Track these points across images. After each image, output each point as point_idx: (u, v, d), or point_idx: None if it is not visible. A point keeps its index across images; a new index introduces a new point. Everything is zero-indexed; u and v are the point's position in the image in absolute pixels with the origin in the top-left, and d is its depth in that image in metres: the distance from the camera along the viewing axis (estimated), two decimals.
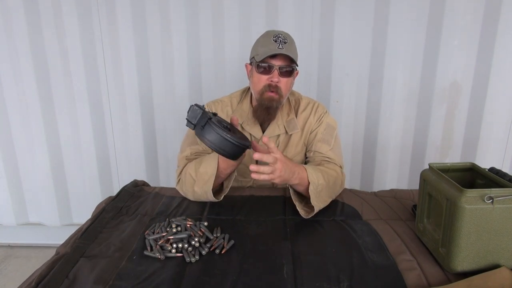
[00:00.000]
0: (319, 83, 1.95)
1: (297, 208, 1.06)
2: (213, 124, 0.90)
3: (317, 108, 1.30)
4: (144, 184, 1.35)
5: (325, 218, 1.06)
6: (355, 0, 1.81)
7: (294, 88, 1.31)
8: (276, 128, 1.26)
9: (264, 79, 1.16)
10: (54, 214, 2.21)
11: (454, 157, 1.96)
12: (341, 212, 1.10)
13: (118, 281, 0.78)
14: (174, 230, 0.93)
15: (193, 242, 0.89)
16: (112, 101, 2.04)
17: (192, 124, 0.93)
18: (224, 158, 1.01)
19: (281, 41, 1.13)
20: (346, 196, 1.21)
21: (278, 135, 1.27)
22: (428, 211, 0.91)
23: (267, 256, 0.87)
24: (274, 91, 1.16)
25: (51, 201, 2.19)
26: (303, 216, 1.05)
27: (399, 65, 1.87)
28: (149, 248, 0.90)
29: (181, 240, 0.90)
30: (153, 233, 0.95)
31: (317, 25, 1.86)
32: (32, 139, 2.09)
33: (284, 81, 1.16)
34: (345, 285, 0.77)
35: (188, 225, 0.96)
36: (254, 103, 1.25)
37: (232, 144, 0.91)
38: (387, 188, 1.34)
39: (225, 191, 1.14)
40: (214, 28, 1.90)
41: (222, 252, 0.89)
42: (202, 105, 0.96)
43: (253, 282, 0.78)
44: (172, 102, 2.02)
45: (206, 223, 0.99)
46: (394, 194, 1.23)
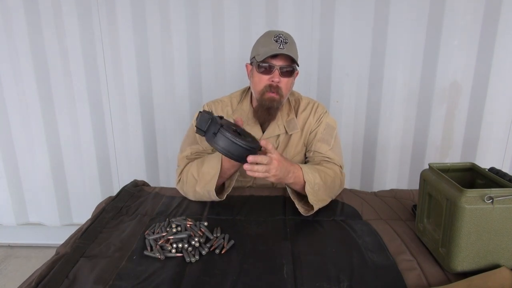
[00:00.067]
0: (319, 83, 1.95)
1: (296, 205, 1.06)
2: (225, 131, 0.91)
3: (317, 108, 1.30)
4: (144, 184, 1.35)
5: (325, 218, 1.06)
6: (355, 0, 1.81)
7: (294, 88, 1.31)
8: (276, 128, 1.26)
9: (265, 79, 1.16)
10: (54, 214, 2.21)
11: (454, 157, 1.96)
12: (341, 212, 1.10)
13: (118, 281, 0.78)
14: (174, 230, 0.93)
15: (193, 242, 0.89)
16: (112, 101, 2.04)
17: (202, 131, 0.94)
18: (228, 159, 1.02)
19: (282, 41, 1.13)
20: (346, 196, 1.21)
21: (278, 135, 1.27)
22: (428, 211, 0.91)
23: (267, 256, 0.87)
24: (275, 92, 1.15)
25: (51, 201, 2.19)
26: (303, 214, 1.05)
27: (399, 65, 1.87)
28: (149, 248, 0.90)
29: (181, 240, 0.90)
30: (153, 233, 0.95)
31: (317, 25, 1.86)
32: (32, 139, 2.09)
33: (285, 81, 1.16)
34: (345, 285, 0.77)
35: (188, 225, 0.96)
36: (254, 103, 1.25)
37: (244, 149, 0.92)
38: (387, 188, 1.35)
39: (228, 190, 1.14)
40: (214, 28, 1.90)
41: (222, 252, 0.89)
42: (210, 111, 0.97)
43: (253, 282, 0.78)
44: (172, 102, 2.02)
45: (206, 223, 0.99)
46: (394, 194, 1.24)
